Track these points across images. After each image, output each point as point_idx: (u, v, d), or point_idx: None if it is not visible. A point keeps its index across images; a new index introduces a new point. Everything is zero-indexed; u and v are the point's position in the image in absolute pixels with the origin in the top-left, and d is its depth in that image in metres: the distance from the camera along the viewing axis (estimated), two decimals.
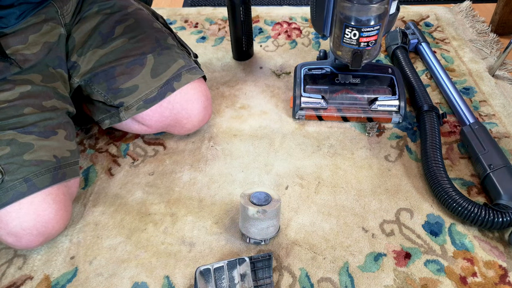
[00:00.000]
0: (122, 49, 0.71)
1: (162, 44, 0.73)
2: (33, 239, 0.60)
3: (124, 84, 0.70)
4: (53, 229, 0.61)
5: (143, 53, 0.71)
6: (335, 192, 0.72)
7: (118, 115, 0.73)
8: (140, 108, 0.71)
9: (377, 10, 0.67)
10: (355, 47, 0.71)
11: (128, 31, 0.72)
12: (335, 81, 0.84)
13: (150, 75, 0.71)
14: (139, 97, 0.71)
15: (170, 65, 0.72)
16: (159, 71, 0.71)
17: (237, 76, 0.98)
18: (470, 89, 0.90)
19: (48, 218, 0.60)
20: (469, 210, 0.63)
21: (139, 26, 0.73)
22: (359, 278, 0.60)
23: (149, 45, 0.72)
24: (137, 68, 0.70)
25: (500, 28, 1.06)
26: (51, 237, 0.63)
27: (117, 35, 0.71)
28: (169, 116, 0.73)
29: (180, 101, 0.72)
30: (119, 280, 0.61)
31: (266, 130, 0.84)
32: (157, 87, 0.70)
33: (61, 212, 0.61)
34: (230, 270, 0.58)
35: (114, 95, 0.71)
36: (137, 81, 0.70)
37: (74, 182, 0.66)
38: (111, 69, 0.70)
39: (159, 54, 0.71)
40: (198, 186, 0.74)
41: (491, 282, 0.59)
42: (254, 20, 1.17)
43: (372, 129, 0.82)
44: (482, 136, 0.74)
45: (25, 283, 0.62)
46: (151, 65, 0.71)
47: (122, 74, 0.70)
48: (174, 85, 0.71)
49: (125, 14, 0.74)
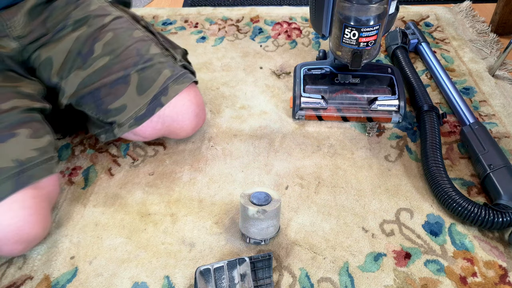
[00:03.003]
0: (103, 68, 0.69)
1: (144, 56, 0.70)
2: (12, 247, 0.58)
3: (112, 104, 0.69)
4: (28, 236, 0.59)
5: (125, 70, 0.69)
6: (335, 192, 0.72)
7: (112, 132, 0.72)
8: (132, 126, 0.70)
9: (376, 10, 0.67)
10: (354, 47, 0.71)
11: (107, 48, 0.69)
12: (335, 81, 0.85)
13: (136, 92, 0.69)
14: (129, 116, 0.69)
15: (156, 79, 0.69)
16: (145, 87, 0.69)
17: (237, 76, 0.98)
18: (470, 89, 0.90)
19: (19, 226, 0.57)
20: (469, 210, 0.63)
21: (118, 40, 0.70)
22: (359, 278, 0.60)
23: (130, 60, 0.69)
24: (122, 87, 0.69)
25: (500, 28, 1.06)
26: (33, 243, 0.61)
27: (97, 53, 0.69)
28: (161, 128, 0.73)
29: (170, 115, 0.71)
30: (119, 280, 0.61)
31: (266, 130, 0.84)
32: (146, 104, 0.69)
33: (32, 217, 0.58)
34: (230, 270, 0.58)
35: (104, 115, 0.70)
36: (124, 100, 0.69)
37: (48, 180, 0.62)
38: (96, 91, 0.69)
39: (143, 69, 0.69)
40: (198, 186, 0.74)
41: (491, 282, 0.59)
42: (254, 20, 1.17)
43: (372, 129, 0.82)
44: (482, 136, 0.74)
45: (25, 283, 0.62)
46: (135, 82, 0.69)
47: (108, 94, 0.69)
48: (162, 99, 0.69)
49: (102, 27, 0.71)
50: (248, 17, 1.18)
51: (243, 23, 1.16)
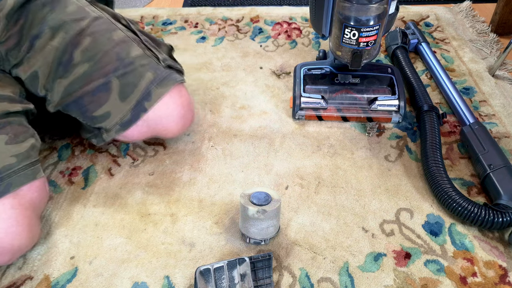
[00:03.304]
0: (84, 76, 0.67)
1: (124, 60, 0.68)
2: None
3: (96, 112, 0.68)
4: (12, 247, 0.56)
5: (105, 77, 0.67)
6: (335, 192, 0.72)
7: (101, 136, 0.72)
8: (119, 131, 0.70)
9: (376, 10, 0.67)
10: (354, 47, 0.71)
11: (86, 54, 0.67)
12: (335, 81, 0.85)
13: (119, 99, 0.68)
14: (114, 122, 0.69)
15: (137, 84, 0.68)
16: (127, 92, 0.68)
17: (237, 76, 0.98)
18: (470, 89, 0.90)
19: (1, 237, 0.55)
20: (469, 210, 0.63)
21: (97, 45, 0.68)
22: (359, 278, 0.60)
23: (110, 66, 0.67)
24: (104, 94, 0.67)
25: (500, 28, 1.06)
26: (18, 253, 0.59)
27: (77, 61, 0.67)
28: (147, 131, 0.72)
29: (153, 119, 0.70)
30: (119, 280, 0.61)
31: (266, 130, 0.84)
32: (129, 110, 0.68)
33: (14, 229, 0.56)
34: (230, 270, 0.58)
35: (91, 121, 0.70)
36: (107, 107, 0.68)
37: (31, 187, 0.60)
38: (79, 99, 0.68)
39: (123, 75, 0.68)
40: (198, 186, 0.74)
41: (491, 282, 0.59)
42: (254, 20, 1.17)
43: (372, 129, 0.82)
44: (482, 136, 0.74)
45: (25, 283, 0.62)
46: (117, 88, 0.67)
47: (91, 102, 0.68)
48: (146, 105, 0.68)
49: (80, 32, 0.68)
50: (248, 17, 1.18)
51: (243, 23, 1.16)
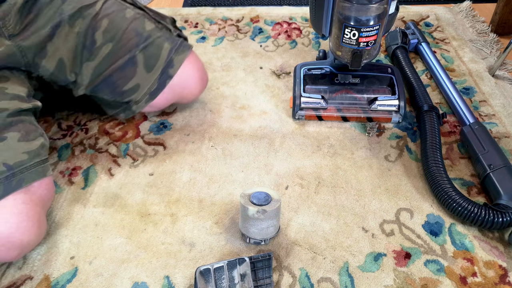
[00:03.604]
0: (109, 55, 0.72)
1: (143, 35, 0.74)
2: (5, 254, 0.57)
3: (126, 86, 0.75)
4: (21, 242, 0.57)
5: (130, 52, 0.73)
6: (335, 192, 0.72)
7: (130, 109, 0.79)
8: (148, 101, 0.77)
9: (376, 10, 0.67)
10: (354, 47, 0.71)
11: (107, 35, 0.72)
12: (335, 81, 0.85)
13: (145, 70, 0.74)
14: (144, 92, 0.76)
15: (159, 54, 0.75)
16: (152, 63, 0.74)
17: (237, 76, 0.98)
18: (470, 89, 0.90)
19: (10, 233, 0.56)
20: (469, 210, 0.63)
21: (115, 25, 0.73)
22: (359, 278, 0.60)
23: (132, 42, 0.73)
24: (131, 69, 0.73)
25: (500, 28, 1.06)
26: (27, 248, 0.60)
27: (99, 42, 0.72)
28: (173, 97, 0.80)
29: (179, 83, 0.78)
30: (119, 280, 0.61)
31: (266, 130, 0.84)
32: (156, 79, 0.75)
33: (24, 223, 0.57)
34: (230, 270, 0.58)
35: (120, 97, 0.76)
36: (136, 80, 0.74)
37: (41, 184, 0.61)
38: (108, 77, 0.73)
39: (145, 47, 0.74)
40: (198, 186, 0.74)
41: (491, 282, 0.59)
42: (254, 20, 1.17)
43: (372, 129, 0.82)
44: (482, 136, 0.74)
45: (25, 283, 0.62)
46: (142, 61, 0.74)
47: (120, 78, 0.74)
48: (170, 72, 0.76)
49: (95, 16, 0.72)
50: (248, 17, 1.18)
51: (243, 23, 1.16)
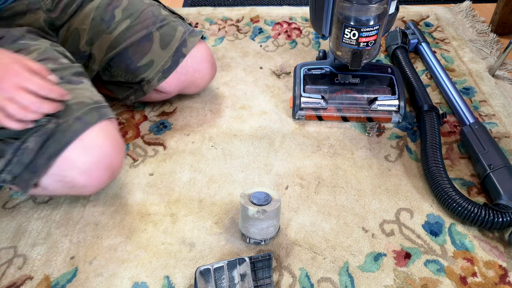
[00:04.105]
0: (127, 29, 0.76)
1: (159, 17, 0.78)
2: (101, 174, 0.62)
3: (141, 61, 0.77)
4: (114, 162, 0.63)
5: (147, 29, 0.77)
6: (335, 192, 0.72)
7: (142, 90, 0.80)
8: (161, 79, 0.79)
9: (376, 10, 0.67)
10: (354, 47, 0.71)
11: (126, 12, 0.77)
12: (335, 81, 0.85)
13: (160, 47, 0.77)
14: (157, 70, 0.78)
15: (174, 34, 0.78)
16: (167, 41, 0.78)
17: (237, 76, 0.98)
18: (470, 89, 0.90)
19: (109, 151, 0.62)
20: (469, 210, 0.63)
21: (134, 5, 0.78)
22: (359, 278, 0.60)
23: (149, 21, 0.77)
24: (147, 44, 0.77)
25: (500, 28, 1.06)
26: (115, 173, 0.65)
27: (118, 18, 0.76)
28: (185, 80, 0.82)
29: (192, 64, 0.81)
30: (119, 280, 0.61)
31: (266, 130, 0.84)
32: (170, 56, 0.78)
33: (116, 145, 0.63)
34: (230, 270, 0.58)
35: (133, 74, 0.78)
36: (151, 56, 0.77)
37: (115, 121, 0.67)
38: (124, 51, 0.76)
39: (161, 27, 0.78)
40: (198, 186, 0.74)
41: (491, 282, 0.59)
42: (254, 20, 1.17)
43: (372, 129, 0.82)
44: (482, 136, 0.74)
45: (25, 283, 0.62)
46: (158, 38, 0.77)
47: (136, 53, 0.77)
48: (183, 50, 0.79)
49: None
50: (248, 17, 1.18)
51: (243, 23, 1.16)
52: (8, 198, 0.74)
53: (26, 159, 0.58)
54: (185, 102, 0.92)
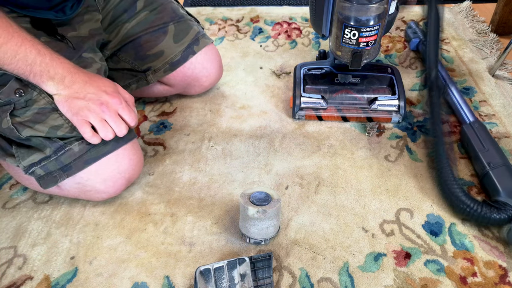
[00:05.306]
0: (146, 21, 0.79)
1: (177, 13, 0.82)
2: (123, 182, 0.68)
3: (151, 50, 0.79)
4: (135, 174, 0.70)
5: (164, 23, 0.80)
6: (335, 192, 0.72)
7: (145, 79, 0.82)
8: (167, 71, 0.81)
9: (376, 10, 0.67)
10: (354, 47, 0.71)
11: (147, 5, 0.81)
12: (335, 81, 0.85)
13: (173, 41, 0.80)
14: (165, 61, 0.80)
15: (188, 32, 0.81)
16: (180, 37, 0.81)
17: (237, 76, 0.98)
18: (470, 89, 0.90)
19: (135, 162, 0.68)
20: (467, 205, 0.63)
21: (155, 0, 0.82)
22: (359, 278, 0.60)
23: (168, 16, 0.81)
24: (161, 36, 0.80)
25: (500, 28, 1.06)
26: (132, 181, 0.71)
27: (139, 9, 0.80)
28: (191, 75, 0.83)
29: (201, 62, 0.83)
30: (119, 280, 0.61)
31: (266, 130, 0.84)
32: (180, 51, 0.80)
33: (140, 160, 0.70)
34: (230, 270, 0.58)
35: (141, 61, 0.80)
36: (162, 47, 0.80)
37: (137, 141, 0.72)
38: (137, 39, 0.79)
39: (178, 22, 0.81)
40: (198, 186, 0.74)
41: (491, 282, 0.59)
42: (254, 20, 1.17)
43: (372, 129, 0.82)
44: (482, 134, 0.74)
45: (25, 283, 0.62)
46: (172, 32, 0.80)
47: (148, 42, 0.79)
48: (195, 48, 0.82)
49: None
50: (248, 17, 1.18)
51: (243, 23, 1.16)
52: (8, 198, 0.74)
53: (66, 160, 0.62)
54: (185, 102, 0.92)
